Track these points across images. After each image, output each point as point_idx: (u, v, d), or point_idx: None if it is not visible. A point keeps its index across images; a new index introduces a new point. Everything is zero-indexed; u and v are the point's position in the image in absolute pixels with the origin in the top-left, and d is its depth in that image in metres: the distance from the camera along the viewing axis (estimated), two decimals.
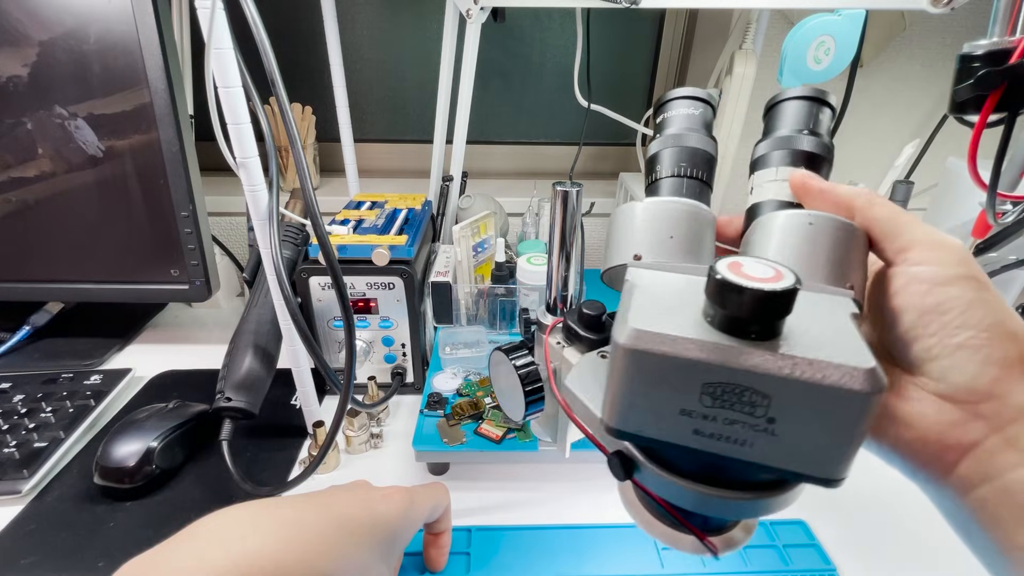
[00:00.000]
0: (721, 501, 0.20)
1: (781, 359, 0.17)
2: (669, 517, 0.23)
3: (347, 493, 0.32)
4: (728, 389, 0.18)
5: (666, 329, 0.18)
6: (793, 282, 0.17)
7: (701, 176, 0.28)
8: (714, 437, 0.19)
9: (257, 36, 0.34)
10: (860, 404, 0.17)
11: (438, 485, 0.38)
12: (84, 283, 0.61)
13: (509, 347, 0.34)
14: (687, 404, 0.18)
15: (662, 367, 0.18)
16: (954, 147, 0.83)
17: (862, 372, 0.17)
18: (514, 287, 0.63)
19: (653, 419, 0.19)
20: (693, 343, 0.18)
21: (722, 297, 0.18)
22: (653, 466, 0.21)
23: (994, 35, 0.32)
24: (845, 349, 0.18)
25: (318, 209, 0.38)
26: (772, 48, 0.75)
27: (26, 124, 0.54)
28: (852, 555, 0.42)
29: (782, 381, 0.17)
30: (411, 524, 0.33)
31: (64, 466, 0.49)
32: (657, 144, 0.29)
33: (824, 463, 0.18)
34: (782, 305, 0.18)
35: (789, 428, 0.18)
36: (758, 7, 0.63)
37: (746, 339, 0.18)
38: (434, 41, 0.65)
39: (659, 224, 0.26)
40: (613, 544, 0.42)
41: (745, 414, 0.18)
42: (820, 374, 0.17)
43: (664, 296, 0.21)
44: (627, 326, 0.18)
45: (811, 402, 0.17)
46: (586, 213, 0.88)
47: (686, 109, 0.29)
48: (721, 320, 0.18)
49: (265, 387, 0.50)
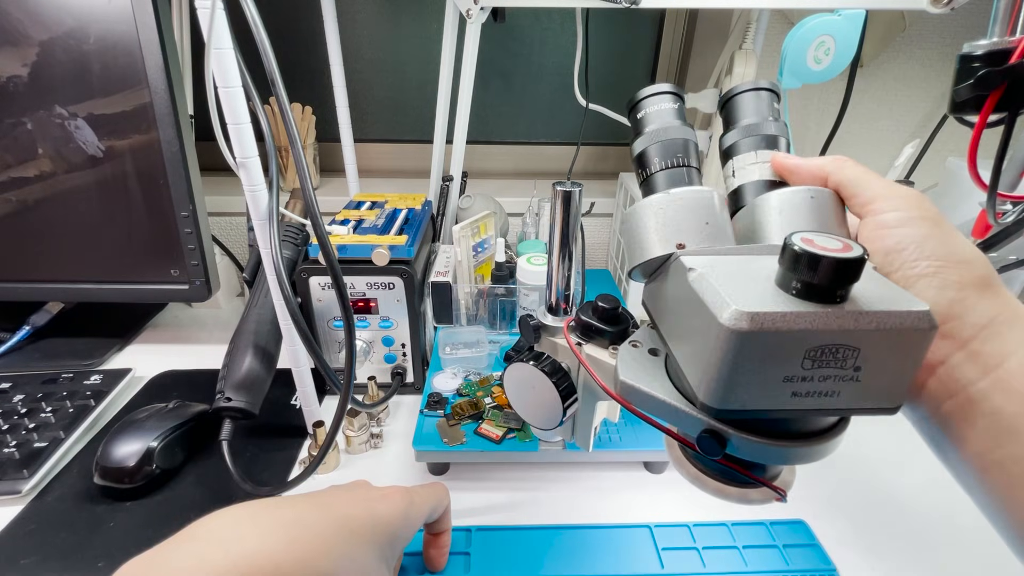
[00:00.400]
0: (802, 451, 0.23)
1: (867, 316, 0.20)
2: (738, 476, 0.26)
3: (347, 493, 0.32)
4: (828, 350, 0.20)
5: (767, 307, 0.20)
6: (862, 251, 0.20)
7: (692, 163, 0.30)
8: (810, 395, 0.21)
9: (257, 36, 0.34)
10: (926, 338, 0.20)
11: (438, 485, 0.38)
12: (84, 283, 0.61)
13: (528, 356, 0.34)
14: (790, 371, 0.20)
15: (772, 342, 0.20)
16: (954, 147, 0.83)
17: (926, 314, 0.20)
18: (514, 287, 0.63)
19: (759, 391, 0.21)
20: (798, 316, 0.20)
21: (810, 268, 0.20)
22: (744, 435, 0.23)
23: (994, 35, 0.32)
24: (900, 298, 0.21)
25: (318, 209, 0.38)
26: (772, 48, 0.75)
27: (26, 124, 0.54)
28: (852, 555, 0.42)
29: (871, 334, 0.20)
30: (411, 524, 0.33)
31: (64, 466, 0.49)
32: (642, 142, 0.30)
33: (893, 395, 0.21)
34: (857, 270, 0.20)
35: (871, 372, 0.21)
36: (758, 7, 0.63)
37: (832, 303, 0.20)
38: (434, 41, 0.65)
39: (694, 213, 0.27)
40: (613, 544, 0.42)
41: (838, 368, 0.20)
42: (898, 322, 0.20)
43: (736, 277, 0.22)
44: (731, 308, 0.20)
45: (891, 346, 0.20)
46: (586, 213, 0.88)
47: (659, 105, 0.31)
48: (806, 289, 0.20)
49: (265, 387, 0.50)
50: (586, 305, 0.33)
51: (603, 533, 0.43)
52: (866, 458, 0.52)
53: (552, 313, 0.36)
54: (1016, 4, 0.31)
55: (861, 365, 0.20)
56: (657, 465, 0.49)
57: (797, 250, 0.20)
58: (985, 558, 0.42)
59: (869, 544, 0.43)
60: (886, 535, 0.44)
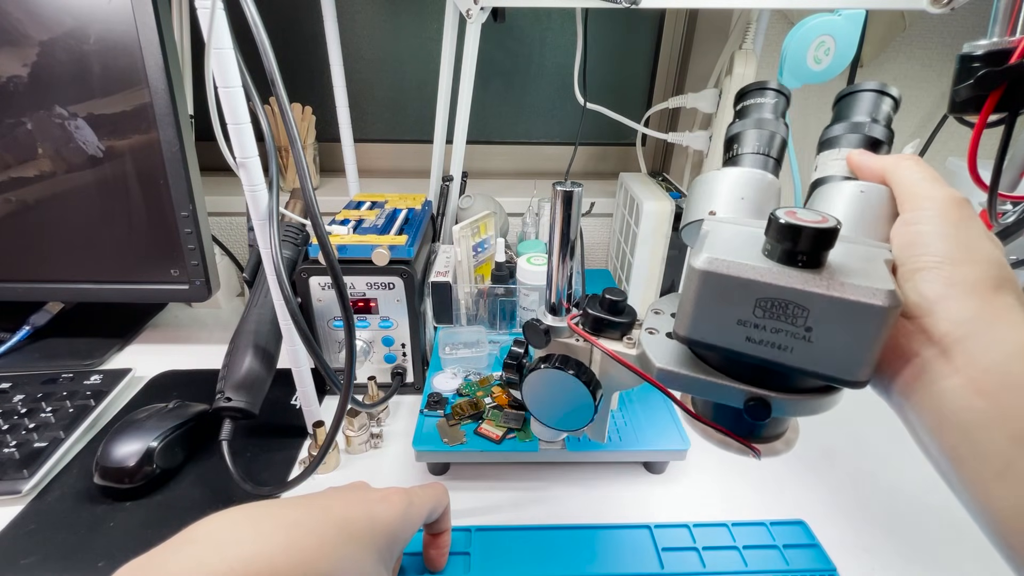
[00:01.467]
0: (799, 404, 0.26)
1: (818, 280, 0.22)
2: (729, 425, 0.29)
3: (345, 495, 0.32)
4: (777, 304, 0.23)
5: (729, 257, 0.23)
6: (835, 224, 0.22)
7: (772, 153, 0.32)
8: (763, 344, 0.24)
9: (257, 36, 0.34)
10: (880, 317, 0.22)
11: (437, 485, 0.38)
12: (84, 283, 0.61)
13: (553, 361, 0.35)
14: (743, 315, 0.24)
15: (725, 285, 0.23)
16: (954, 147, 0.83)
17: (883, 292, 0.21)
18: (514, 287, 0.63)
19: (716, 328, 0.24)
20: (749, 267, 0.23)
21: (777, 232, 0.23)
22: (783, 395, 0.26)
23: (994, 35, 0.31)
24: (871, 276, 0.22)
25: (318, 209, 0.38)
26: (772, 48, 0.75)
27: (26, 124, 0.54)
28: (852, 555, 0.42)
29: (817, 297, 0.22)
30: (410, 525, 0.33)
31: (64, 466, 0.49)
32: (737, 126, 0.34)
33: (849, 367, 0.23)
34: (824, 239, 0.22)
35: (823, 336, 0.23)
36: (758, 7, 0.63)
37: (794, 266, 0.23)
38: (434, 41, 0.65)
39: (734, 188, 0.30)
40: (613, 544, 0.42)
41: (788, 323, 0.23)
42: (848, 292, 0.22)
43: (733, 239, 0.26)
44: (702, 255, 0.24)
45: (840, 315, 0.22)
46: (586, 213, 0.88)
47: (762, 99, 0.34)
48: (776, 252, 0.23)
49: (265, 387, 0.50)
50: (592, 299, 0.34)
51: (603, 533, 0.43)
52: (866, 458, 0.52)
53: (554, 314, 0.36)
54: (1016, 4, 0.31)
55: (812, 327, 0.23)
56: (657, 465, 0.49)
57: (770, 218, 0.23)
58: (985, 558, 0.41)
59: (869, 544, 0.43)
60: (886, 535, 0.44)
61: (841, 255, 0.24)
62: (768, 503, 0.47)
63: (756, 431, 0.29)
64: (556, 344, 0.36)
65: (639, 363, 0.30)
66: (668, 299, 0.34)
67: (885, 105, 0.31)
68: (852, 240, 0.26)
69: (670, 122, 0.97)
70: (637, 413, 0.50)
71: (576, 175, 1.03)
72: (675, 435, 0.48)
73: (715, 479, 0.49)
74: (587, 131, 0.82)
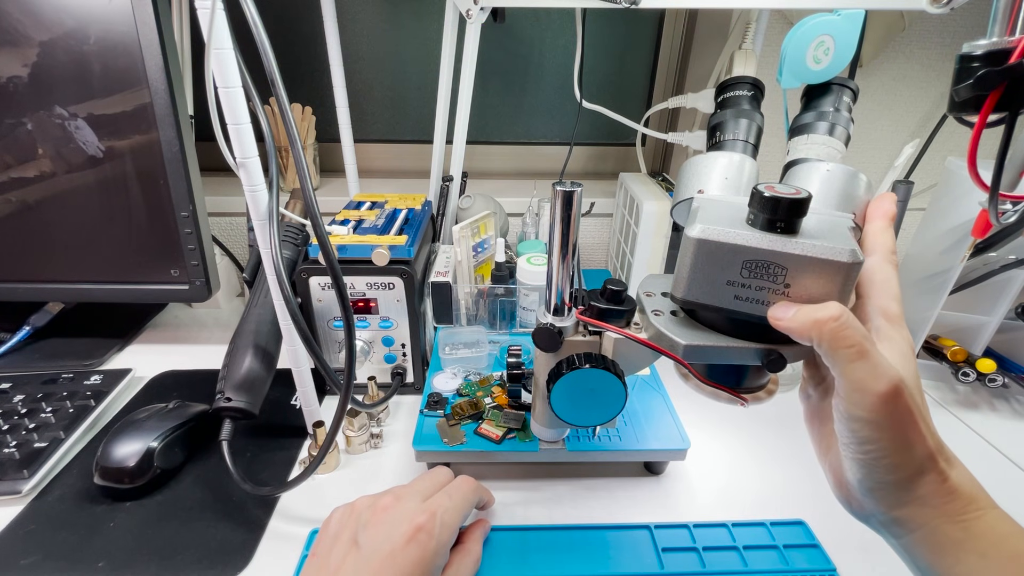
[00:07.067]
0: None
1: (793, 243, 0.27)
2: (720, 380, 0.33)
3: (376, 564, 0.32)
4: (760, 265, 0.27)
5: (719, 226, 0.28)
6: (807, 195, 0.27)
7: (750, 139, 0.36)
8: (748, 300, 0.28)
9: (257, 36, 0.34)
10: (845, 272, 0.26)
11: (466, 487, 0.39)
12: (84, 283, 0.61)
13: (580, 361, 0.35)
14: (731, 276, 0.28)
15: (716, 250, 0.28)
16: (954, 147, 0.83)
17: (846, 251, 0.26)
18: (514, 287, 0.63)
19: (708, 289, 0.29)
20: (736, 234, 0.27)
21: (759, 203, 0.27)
22: (789, 347, 0.29)
23: (994, 35, 0.31)
24: (837, 239, 0.27)
25: (318, 209, 0.38)
26: (772, 48, 0.75)
27: (26, 124, 0.54)
28: (852, 555, 0.42)
29: (793, 257, 0.27)
30: (443, 549, 0.35)
31: (64, 466, 0.49)
32: (720, 116, 0.38)
33: None
34: (798, 208, 0.27)
35: (798, 290, 0.27)
36: (758, 7, 0.63)
37: (774, 232, 0.27)
38: (434, 41, 0.65)
39: (719, 170, 0.34)
40: (613, 544, 0.42)
41: (769, 281, 0.28)
42: (818, 251, 0.26)
43: (719, 211, 0.30)
44: (696, 226, 0.28)
45: (812, 271, 0.27)
46: (586, 213, 0.88)
47: (741, 91, 0.38)
48: (759, 221, 0.28)
49: (265, 387, 0.50)
50: (593, 293, 0.36)
51: (603, 533, 0.43)
52: None
53: (558, 314, 0.36)
54: (1016, 4, 0.31)
55: (790, 283, 0.27)
56: (657, 465, 0.49)
57: (753, 192, 0.27)
58: None
59: (869, 544, 0.43)
60: None
61: (812, 223, 0.28)
62: (768, 503, 0.47)
63: (741, 383, 0.33)
64: (566, 344, 0.36)
65: (656, 343, 0.33)
66: (650, 279, 0.37)
67: (846, 96, 0.36)
68: (820, 212, 0.30)
69: (670, 122, 0.97)
70: (637, 413, 0.50)
71: (576, 175, 1.03)
72: (675, 435, 0.48)
73: (715, 479, 0.49)
74: (587, 131, 0.83)
